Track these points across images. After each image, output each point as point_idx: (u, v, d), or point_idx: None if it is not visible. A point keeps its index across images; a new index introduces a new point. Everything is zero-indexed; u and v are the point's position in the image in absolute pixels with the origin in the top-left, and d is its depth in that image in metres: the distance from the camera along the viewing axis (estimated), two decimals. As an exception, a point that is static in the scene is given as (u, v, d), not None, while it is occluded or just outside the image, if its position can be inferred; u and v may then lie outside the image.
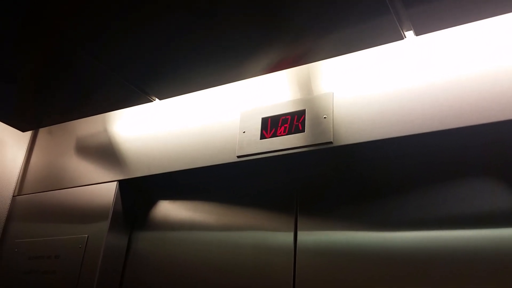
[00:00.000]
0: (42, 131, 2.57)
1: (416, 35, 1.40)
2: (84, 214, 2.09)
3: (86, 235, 2.00)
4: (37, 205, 2.30)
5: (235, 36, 1.47)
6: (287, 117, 1.71)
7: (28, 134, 2.57)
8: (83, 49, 1.59)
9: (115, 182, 2.07)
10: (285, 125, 1.70)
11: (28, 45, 1.60)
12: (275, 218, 1.77)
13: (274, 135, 1.71)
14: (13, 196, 2.43)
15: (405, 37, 1.42)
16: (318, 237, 1.64)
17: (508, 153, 1.43)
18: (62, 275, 1.98)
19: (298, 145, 1.64)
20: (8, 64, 1.73)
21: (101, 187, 2.11)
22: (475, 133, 1.40)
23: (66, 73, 1.76)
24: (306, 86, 1.74)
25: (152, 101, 1.91)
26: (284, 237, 1.71)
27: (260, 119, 1.78)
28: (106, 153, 2.19)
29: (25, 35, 1.54)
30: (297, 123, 1.68)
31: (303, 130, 1.65)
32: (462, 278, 1.36)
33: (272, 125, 1.73)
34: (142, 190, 2.15)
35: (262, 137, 1.73)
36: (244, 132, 1.79)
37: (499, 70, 1.38)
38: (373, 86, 1.58)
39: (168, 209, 2.08)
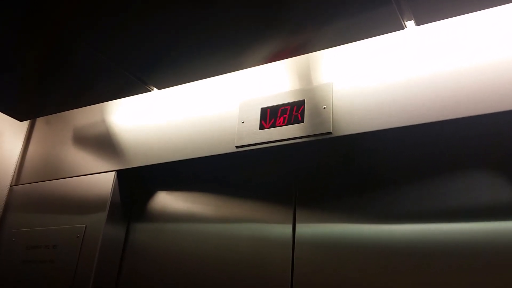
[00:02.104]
0: (40, 121, 2.56)
1: (417, 25, 1.39)
2: (82, 204, 2.08)
3: (84, 225, 2.00)
4: (35, 194, 2.29)
5: (234, 26, 1.46)
6: (286, 107, 1.71)
7: (25, 124, 2.56)
8: (82, 39, 1.58)
9: (113, 172, 2.07)
10: (284, 116, 1.69)
11: (27, 35, 1.58)
12: (274, 210, 1.77)
13: (273, 125, 1.70)
14: (10, 186, 2.42)
15: (406, 27, 1.41)
16: (316, 229, 1.64)
17: (509, 144, 1.43)
18: (60, 265, 1.98)
19: (297, 136, 1.63)
20: (7, 54, 1.72)
21: (99, 177, 2.10)
22: (475, 124, 1.40)
23: (65, 62, 1.75)
24: (306, 76, 1.74)
25: (150, 91, 1.90)
26: (282, 229, 1.71)
27: (259, 110, 1.77)
28: (104, 143, 2.19)
29: (24, 25, 1.53)
30: (296, 114, 1.67)
31: (302, 121, 1.64)
32: (462, 270, 1.36)
33: (271, 116, 1.73)
34: (140, 180, 2.15)
35: (261, 127, 1.73)
36: (243, 122, 1.78)
37: (500, 61, 1.38)
38: (373, 76, 1.58)
39: (166, 200, 2.08)
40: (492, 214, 1.38)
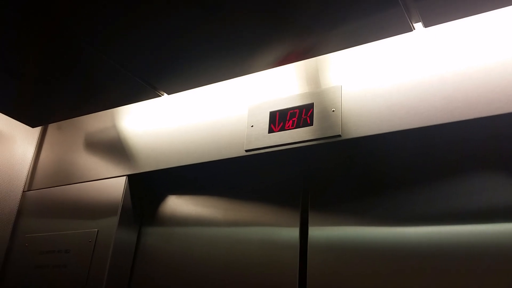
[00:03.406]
0: (51, 127, 2.58)
1: (425, 27, 1.39)
2: (94, 209, 2.10)
3: (96, 230, 2.01)
4: (47, 200, 2.31)
5: (243, 30, 1.47)
6: (295, 110, 1.71)
7: (37, 130, 2.58)
8: (91, 44, 1.60)
9: (125, 177, 2.08)
10: (293, 119, 1.70)
11: (35, 40, 1.60)
12: (283, 213, 1.77)
13: (282, 129, 1.71)
14: (23, 192, 2.44)
15: (414, 29, 1.41)
16: (326, 232, 1.64)
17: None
18: (73, 269, 2.00)
19: (307, 139, 1.63)
20: (17, 60, 1.74)
21: (110, 182, 2.11)
22: (486, 126, 1.39)
23: (75, 68, 1.76)
24: (314, 79, 1.74)
25: (160, 96, 1.91)
26: (291, 233, 1.71)
27: (268, 113, 1.77)
28: (115, 148, 2.20)
29: (32, 29, 1.54)
30: (305, 117, 1.67)
31: (311, 124, 1.65)
32: (475, 273, 1.35)
33: (280, 119, 1.73)
34: (151, 185, 2.16)
35: (270, 131, 1.73)
36: (252, 126, 1.79)
37: (509, 62, 1.37)
38: (381, 79, 1.58)
39: (177, 204, 2.09)
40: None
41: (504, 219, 1.36)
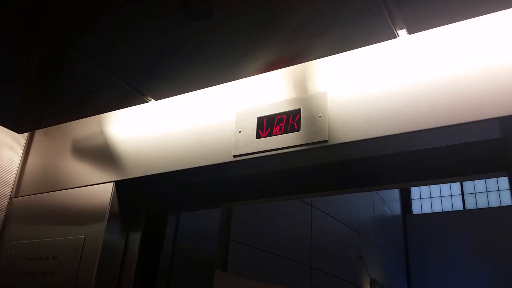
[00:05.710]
0: (39, 133, 2.56)
1: (409, 34, 1.41)
2: (81, 215, 2.09)
3: (83, 236, 2.00)
4: (34, 206, 2.30)
5: (230, 36, 1.48)
6: (282, 116, 1.72)
7: (24, 136, 2.56)
8: (79, 51, 1.60)
9: (112, 183, 2.07)
10: (281, 124, 1.71)
11: (24, 47, 1.60)
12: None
13: (270, 134, 1.71)
14: (10, 198, 2.42)
15: (398, 36, 1.43)
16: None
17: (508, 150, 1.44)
18: (60, 276, 1.99)
19: (294, 144, 1.64)
20: (5, 67, 1.73)
21: (97, 188, 2.11)
22: (469, 131, 1.41)
23: (62, 75, 1.76)
24: (301, 85, 1.75)
25: (147, 102, 1.92)
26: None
27: (256, 119, 1.78)
28: (103, 154, 2.19)
29: (21, 37, 1.54)
30: (292, 122, 1.69)
31: (298, 129, 1.66)
32: None
33: (267, 125, 1.74)
34: (139, 191, 2.15)
35: (258, 136, 1.74)
36: (240, 131, 1.80)
37: (492, 67, 1.39)
38: (367, 85, 1.59)
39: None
40: None
41: None
